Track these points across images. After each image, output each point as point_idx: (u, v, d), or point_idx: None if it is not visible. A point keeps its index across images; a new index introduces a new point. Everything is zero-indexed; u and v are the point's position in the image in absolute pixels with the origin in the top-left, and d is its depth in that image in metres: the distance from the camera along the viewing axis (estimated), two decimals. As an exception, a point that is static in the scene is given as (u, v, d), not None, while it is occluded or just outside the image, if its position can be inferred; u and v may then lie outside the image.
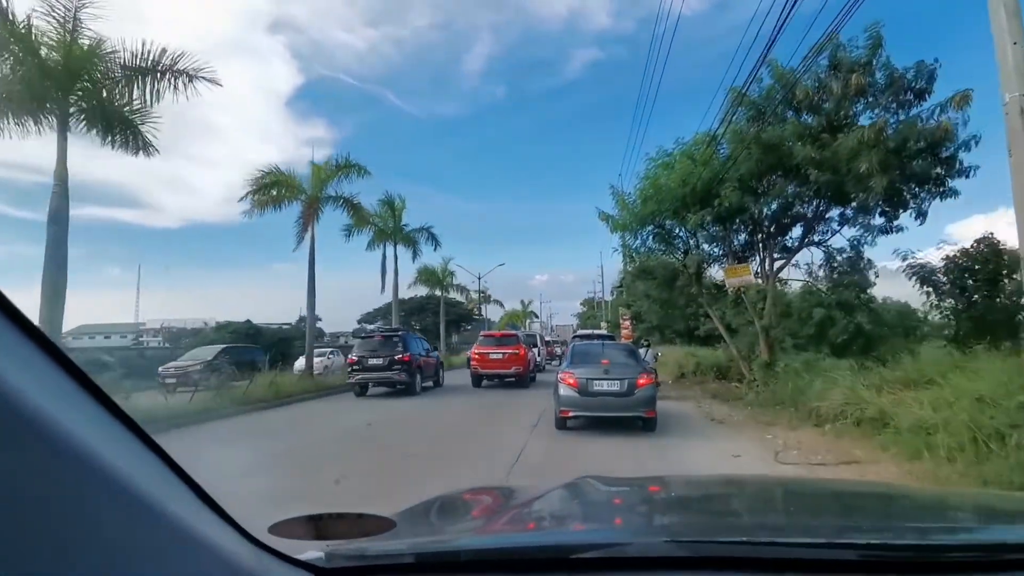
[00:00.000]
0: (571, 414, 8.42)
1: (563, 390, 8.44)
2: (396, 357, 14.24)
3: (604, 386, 8.26)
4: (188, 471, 0.73)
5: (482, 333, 20.19)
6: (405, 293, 34.55)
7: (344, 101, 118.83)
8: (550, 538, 1.34)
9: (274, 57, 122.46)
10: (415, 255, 25.60)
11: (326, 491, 5.36)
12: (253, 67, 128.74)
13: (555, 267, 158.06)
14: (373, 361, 14.29)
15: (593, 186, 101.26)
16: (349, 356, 15.71)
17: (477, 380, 16.66)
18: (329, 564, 1.01)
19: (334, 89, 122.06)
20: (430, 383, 16.42)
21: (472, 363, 16.84)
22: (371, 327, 74.03)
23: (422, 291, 35.54)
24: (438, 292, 34.76)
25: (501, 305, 51.17)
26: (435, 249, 25.58)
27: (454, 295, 35.79)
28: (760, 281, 12.76)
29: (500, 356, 16.38)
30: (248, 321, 33.12)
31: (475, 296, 46.96)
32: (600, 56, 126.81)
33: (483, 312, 51.75)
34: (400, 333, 15.77)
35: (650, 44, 39.48)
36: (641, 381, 8.28)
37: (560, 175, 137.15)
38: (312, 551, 1.04)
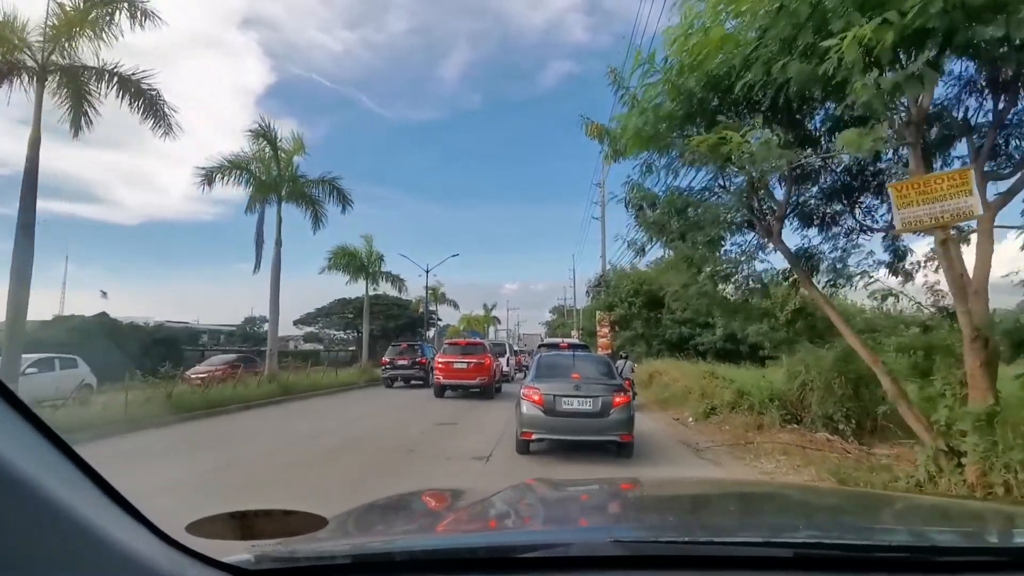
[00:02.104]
0: (535, 436, 7.27)
1: (526, 408, 7.25)
2: (416, 360, 18.12)
3: (574, 404, 7.15)
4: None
5: (447, 341, 19.55)
6: (345, 292, 26.85)
7: (317, 102, 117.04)
8: (491, 539, 1.31)
9: (246, 54, 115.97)
10: (317, 221, 17.72)
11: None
12: (223, 63, 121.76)
13: (526, 276, 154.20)
14: (400, 362, 18.23)
15: (566, 197, 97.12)
16: (383, 358, 19.24)
17: (440, 391, 15.67)
18: (257, 566, 0.95)
19: (307, 90, 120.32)
20: None
21: (435, 372, 15.91)
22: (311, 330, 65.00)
23: (367, 290, 27.09)
24: (387, 287, 26.88)
25: (455, 307, 43.34)
26: (343, 210, 17.72)
27: (386, 288, 27.72)
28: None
29: (464, 366, 15.50)
30: (102, 313, 24.49)
31: (435, 293, 39.19)
32: (576, 69, 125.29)
33: (435, 313, 43.95)
34: (419, 342, 20.81)
35: (625, 55, 33.65)
36: (617, 400, 7.20)
37: (534, 185, 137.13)
38: (238, 553, 0.95)
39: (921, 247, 7.71)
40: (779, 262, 8.65)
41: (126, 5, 8.52)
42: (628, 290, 29.01)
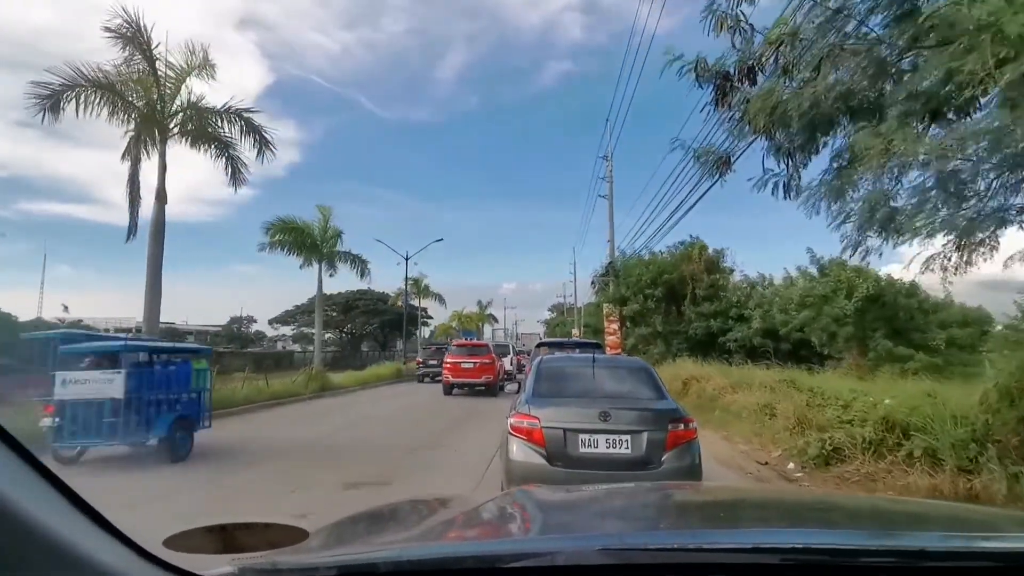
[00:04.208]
0: None
1: (517, 450, 4.53)
2: (442, 360, 18.79)
3: (600, 446, 4.46)
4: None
5: (454, 343, 20.44)
6: (329, 287, 21.93)
7: (315, 103, 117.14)
8: (477, 548, 1.26)
9: (242, 54, 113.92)
10: (234, 173, 12.87)
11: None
12: (220, 63, 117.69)
13: (524, 277, 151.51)
14: (431, 362, 21.69)
15: (565, 198, 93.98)
16: (416, 359, 24.20)
17: (448, 389, 16.70)
18: None
19: (305, 90, 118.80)
20: None
21: (444, 372, 17.00)
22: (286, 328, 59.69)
23: (345, 283, 22.02)
24: (353, 277, 22.05)
25: (441, 301, 38.43)
26: (260, 156, 12.78)
27: (344, 271, 22.87)
28: None
29: (471, 366, 16.52)
30: (-10, 308, 19.69)
31: (417, 285, 34.36)
32: (573, 69, 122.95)
33: (425, 310, 39.12)
34: (446, 345, 22.85)
35: (624, 55, 31.59)
36: (674, 436, 4.48)
37: (532, 185, 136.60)
38: (218, 566, 0.94)
39: None
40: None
41: None
42: (644, 279, 24.22)
